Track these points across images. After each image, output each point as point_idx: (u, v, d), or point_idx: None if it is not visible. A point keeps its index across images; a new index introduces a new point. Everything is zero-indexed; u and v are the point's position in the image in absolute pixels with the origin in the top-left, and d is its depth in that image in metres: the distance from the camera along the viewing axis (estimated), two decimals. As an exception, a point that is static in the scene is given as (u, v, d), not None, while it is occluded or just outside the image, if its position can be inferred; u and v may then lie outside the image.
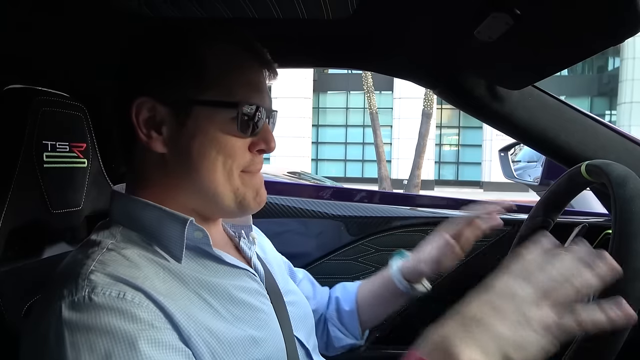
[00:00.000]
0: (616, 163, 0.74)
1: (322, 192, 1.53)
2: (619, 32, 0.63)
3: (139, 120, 0.63)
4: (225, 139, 0.64)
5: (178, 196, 0.66)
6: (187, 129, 0.63)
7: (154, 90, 0.63)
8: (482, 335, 0.48)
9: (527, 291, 0.50)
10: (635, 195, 0.65)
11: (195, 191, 0.66)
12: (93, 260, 0.57)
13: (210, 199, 0.66)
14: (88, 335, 0.50)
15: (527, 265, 0.52)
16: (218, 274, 0.66)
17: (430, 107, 11.35)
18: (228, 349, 0.59)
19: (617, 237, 0.63)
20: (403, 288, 0.95)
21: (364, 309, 1.00)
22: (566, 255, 0.51)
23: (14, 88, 0.79)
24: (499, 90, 1.00)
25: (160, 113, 0.63)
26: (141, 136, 0.63)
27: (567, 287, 0.49)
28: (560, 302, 0.49)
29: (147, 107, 0.63)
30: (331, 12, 0.83)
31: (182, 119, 0.63)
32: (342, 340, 0.99)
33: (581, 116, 1.03)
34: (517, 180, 1.77)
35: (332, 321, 1.00)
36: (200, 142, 0.63)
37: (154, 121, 0.63)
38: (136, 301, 0.54)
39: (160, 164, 0.65)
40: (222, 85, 0.64)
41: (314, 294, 1.01)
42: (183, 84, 0.63)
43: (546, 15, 0.68)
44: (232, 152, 0.65)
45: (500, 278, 0.52)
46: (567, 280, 0.49)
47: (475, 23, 0.73)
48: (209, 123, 0.63)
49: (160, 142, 0.64)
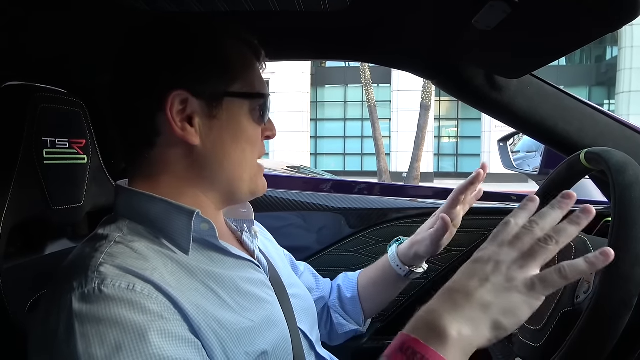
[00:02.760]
0: (615, 150, 0.74)
1: (322, 185, 1.54)
2: (617, 18, 0.63)
3: (172, 112, 0.63)
4: (252, 128, 0.69)
5: (195, 188, 0.68)
6: (220, 120, 0.66)
7: (188, 83, 0.64)
8: (468, 306, 0.49)
9: (510, 255, 0.52)
10: (634, 182, 0.66)
11: (217, 180, 0.69)
12: (102, 253, 0.57)
13: (232, 186, 0.70)
14: (98, 327, 0.51)
15: (510, 229, 0.54)
16: (224, 265, 0.67)
17: (429, 100, 11.33)
18: (236, 339, 0.60)
19: (616, 223, 0.63)
20: (400, 271, 0.97)
21: (365, 295, 1.01)
22: (547, 211, 0.54)
23: (13, 85, 0.79)
24: (498, 80, 1.00)
25: (192, 106, 0.65)
26: (176, 129, 0.64)
27: (550, 243, 0.51)
28: (543, 258, 0.51)
29: (179, 99, 0.64)
30: (328, 4, 0.83)
31: (215, 110, 0.66)
32: (345, 326, 1.01)
33: (580, 104, 1.03)
34: (517, 170, 1.77)
35: (334, 308, 1.01)
36: (232, 132, 0.67)
37: (184, 114, 0.65)
38: (146, 293, 0.54)
39: (185, 156, 0.66)
40: (244, 77, 0.69)
41: (317, 286, 1.02)
42: (214, 77, 0.66)
43: (544, 2, 0.67)
44: (255, 141, 0.71)
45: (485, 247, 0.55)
46: (549, 236, 0.52)
47: (473, 12, 0.73)
48: (239, 113, 0.68)
49: (194, 134, 0.65)
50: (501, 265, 0.51)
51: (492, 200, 1.55)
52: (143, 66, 0.66)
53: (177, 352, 0.53)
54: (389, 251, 1.01)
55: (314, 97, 18.27)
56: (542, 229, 0.52)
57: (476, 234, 1.33)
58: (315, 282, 1.02)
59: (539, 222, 0.53)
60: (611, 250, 0.50)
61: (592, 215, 0.52)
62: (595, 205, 1.34)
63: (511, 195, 1.61)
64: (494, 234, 0.55)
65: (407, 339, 0.48)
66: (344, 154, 19.06)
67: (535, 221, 0.53)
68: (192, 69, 0.65)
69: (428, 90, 11.22)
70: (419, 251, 0.95)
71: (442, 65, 1.05)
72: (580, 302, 0.70)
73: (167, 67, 0.65)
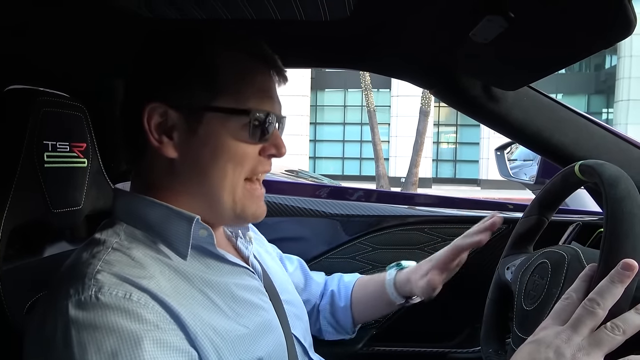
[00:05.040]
0: (608, 163, 0.75)
1: (320, 191, 1.54)
2: (610, 36, 0.64)
3: (150, 125, 0.63)
4: (236, 146, 0.64)
5: (183, 200, 0.67)
6: (199, 135, 0.63)
7: (167, 95, 0.63)
8: None
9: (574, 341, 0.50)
10: (626, 196, 0.66)
11: (200, 196, 0.66)
12: (99, 260, 0.58)
13: (213, 205, 0.66)
14: (95, 334, 0.51)
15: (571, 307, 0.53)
16: (220, 272, 0.67)
17: (428, 105, 11.35)
18: (231, 346, 0.60)
19: (608, 236, 0.64)
20: (395, 299, 0.97)
21: (357, 308, 1.01)
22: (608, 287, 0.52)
23: (15, 89, 0.80)
24: (495, 91, 1.02)
25: (172, 118, 0.63)
26: (152, 141, 0.63)
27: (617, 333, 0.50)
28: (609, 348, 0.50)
29: (159, 112, 0.63)
30: (329, 13, 0.84)
31: (194, 124, 0.63)
32: (333, 335, 1.01)
33: (575, 116, 1.04)
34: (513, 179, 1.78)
35: (324, 314, 1.01)
36: (211, 149, 0.64)
37: (166, 126, 0.64)
38: (142, 302, 0.55)
39: (169, 168, 0.66)
40: (234, 91, 0.64)
41: (306, 285, 1.02)
42: (195, 90, 0.63)
43: (539, 18, 0.69)
44: (242, 159, 0.65)
45: (546, 326, 0.53)
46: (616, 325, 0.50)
47: (470, 25, 0.74)
48: (220, 130, 0.64)
49: (172, 147, 0.64)
50: (564, 352, 0.49)
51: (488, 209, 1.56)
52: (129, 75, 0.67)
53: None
54: (387, 276, 1.00)
55: (314, 100, 18.28)
56: (605, 309, 0.51)
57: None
58: (305, 282, 1.02)
59: (600, 302, 0.51)
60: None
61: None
62: (591, 215, 1.35)
63: (508, 204, 1.62)
64: (554, 311, 0.54)
65: None
66: (343, 158, 19.05)
67: (596, 300, 0.51)
68: (170, 81, 0.64)
69: (427, 96, 11.23)
70: (414, 290, 0.95)
71: (440, 75, 1.06)
72: (572, 313, 0.70)
73: (145, 78, 0.65)
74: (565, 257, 0.79)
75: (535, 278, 0.83)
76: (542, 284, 0.80)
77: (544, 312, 0.76)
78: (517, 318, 0.84)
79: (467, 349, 1.35)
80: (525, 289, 0.85)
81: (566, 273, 0.77)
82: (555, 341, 0.51)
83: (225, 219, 0.70)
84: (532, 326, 0.77)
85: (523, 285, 0.86)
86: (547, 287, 0.79)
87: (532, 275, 0.85)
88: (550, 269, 0.80)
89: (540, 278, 0.81)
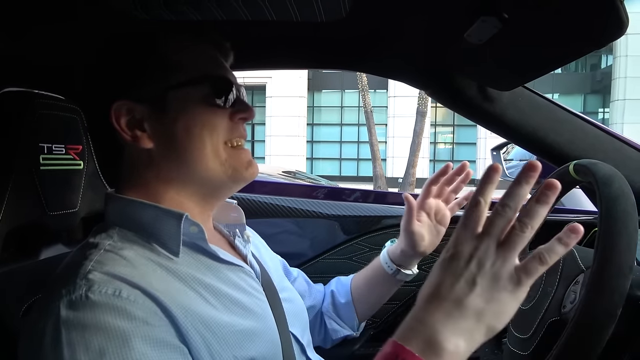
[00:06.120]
0: (602, 162, 0.76)
1: (317, 192, 1.55)
2: (602, 36, 0.65)
3: (120, 122, 0.66)
4: (205, 113, 0.67)
5: (171, 190, 0.68)
6: (168, 117, 0.66)
7: (128, 91, 0.66)
8: (462, 317, 0.47)
9: (490, 248, 0.49)
10: (620, 194, 0.67)
11: (187, 176, 0.68)
12: (91, 260, 0.58)
13: (203, 178, 0.68)
14: (83, 333, 0.52)
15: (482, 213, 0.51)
16: (214, 269, 0.68)
17: (425, 106, 11.37)
18: (224, 343, 0.61)
19: (602, 234, 0.64)
20: (389, 270, 0.98)
21: (358, 298, 1.02)
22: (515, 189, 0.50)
23: (11, 91, 0.80)
24: (490, 92, 1.02)
25: (138, 111, 0.66)
26: (126, 137, 0.66)
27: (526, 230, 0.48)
28: (521, 247, 0.49)
29: (124, 109, 0.66)
30: (324, 15, 0.84)
31: (161, 109, 0.66)
32: (339, 332, 1.01)
33: (570, 116, 1.05)
34: (509, 179, 1.79)
35: (328, 314, 1.02)
36: (183, 123, 0.66)
37: (134, 120, 0.66)
38: (131, 299, 0.55)
39: (149, 161, 0.67)
40: (186, 67, 0.68)
41: (309, 292, 1.02)
42: (151, 78, 0.67)
43: (533, 19, 0.69)
44: (214, 124, 0.68)
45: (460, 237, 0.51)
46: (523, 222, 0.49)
47: (465, 26, 0.75)
48: (186, 103, 0.67)
49: (146, 138, 0.66)
50: (485, 262, 0.48)
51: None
52: (89, 85, 0.71)
53: (160, 357, 0.54)
54: (382, 251, 1.02)
55: (311, 101, 18.28)
56: (515, 210, 0.49)
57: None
58: (308, 289, 1.03)
59: (510, 204, 0.49)
60: (578, 225, 0.48)
61: (555, 188, 0.49)
62: (586, 214, 1.36)
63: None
64: (465, 218, 0.51)
65: (401, 350, 0.47)
66: (340, 158, 19.06)
67: (507, 204, 0.49)
68: (125, 77, 0.67)
69: (424, 96, 11.25)
70: (402, 246, 0.96)
71: (435, 76, 1.06)
72: (567, 312, 0.71)
73: (105, 80, 0.68)
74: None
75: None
76: (538, 283, 0.81)
77: (540, 311, 0.77)
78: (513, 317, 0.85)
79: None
80: (521, 288, 0.85)
81: (561, 272, 0.78)
82: (473, 252, 0.49)
83: (223, 188, 0.71)
84: (529, 326, 0.78)
85: (519, 284, 0.86)
86: (543, 286, 0.80)
87: (527, 274, 0.85)
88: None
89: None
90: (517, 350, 0.79)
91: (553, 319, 0.73)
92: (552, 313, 0.74)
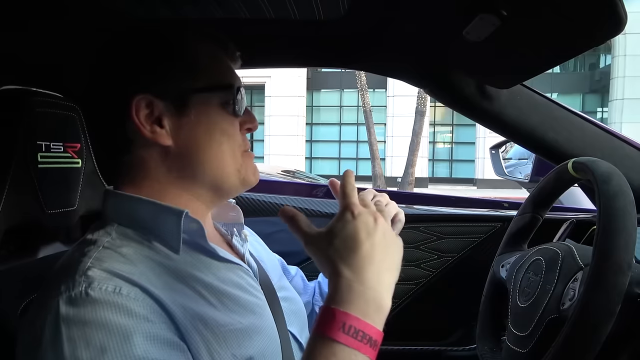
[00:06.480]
0: (601, 160, 0.76)
1: (316, 190, 1.54)
2: (601, 33, 0.65)
3: (139, 117, 0.64)
4: (225, 122, 0.69)
5: (178, 188, 0.68)
6: (189, 118, 0.66)
7: (149, 86, 0.65)
8: (388, 269, 0.56)
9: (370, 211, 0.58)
10: (618, 192, 0.67)
11: (201, 178, 0.68)
12: (90, 257, 0.58)
13: (217, 182, 0.69)
14: (84, 330, 0.51)
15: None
16: (212, 268, 0.67)
17: (424, 105, 11.37)
18: (222, 341, 0.60)
19: (601, 232, 0.64)
20: None
21: None
22: None
23: (8, 89, 0.80)
24: (489, 89, 1.02)
25: (158, 107, 0.65)
26: (145, 132, 0.65)
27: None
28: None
29: (144, 103, 0.65)
30: (323, 13, 0.84)
31: (182, 109, 0.66)
32: None
33: (569, 114, 1.05)
34: (508, 178, 1.79)
35: (318, 304, 1.02)
36: (205, 128, 0.67)
37: (153, 116, 0.65)
38: (132, 296, 0.55)
39: (163, 158, 0.67)
40: (211, 72, 0.69)
41: (304, 289, 1.02)
42: (177, 77, 0.66)
43: (532, 16, 0.69)
44: (232, 133, 0.70)
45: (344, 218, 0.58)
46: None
47: (463, 24, 0.75)
48: (208, 108, 0.67)
49: (165, 135, 0.66)
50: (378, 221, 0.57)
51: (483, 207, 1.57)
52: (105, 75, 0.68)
53: (161, 354, 0.53)
54: None
55: (310, 101, 18.27)
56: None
57: (467, 241, 1.34)
58: (304, 287, 1.03)
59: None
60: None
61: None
62: (585, 213, 1.36)
63: (503, 202, 1.62)
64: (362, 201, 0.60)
65: (345, 316, 0.50)
66: (339, 158, 19.06)
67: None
68: (150, 71, 0.66)
69: (423, 95, 11.25)
70: None
71: (434, 74, 1.06)
72: (566, 309, 0.71)
73: (126, 74, 0.67)
74: (559, 254, 0.80)
75: (529, 275, 0.84)
76: (537, 280, 0.81)
77: (539, 308, 0.77)
78: (512, 315, 0.85)
79: (462, 347, 1.35)
80: (519, 286, 0.85)
81: (560, 270, 0.78)
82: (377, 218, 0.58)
83: (232, 191, 0.73)
84: (527, 323, 0.78)
85: (518, 282, 0.86)
86: (542, 283, 0.80)
87: (526, 272, 0.85)
88: (544, 266, 0.81)
89: (534, 275, 0.82)
90: (516, 348, 0.79)
91: (552, 316, 0.73)
92: (550, 310, 0.74)
